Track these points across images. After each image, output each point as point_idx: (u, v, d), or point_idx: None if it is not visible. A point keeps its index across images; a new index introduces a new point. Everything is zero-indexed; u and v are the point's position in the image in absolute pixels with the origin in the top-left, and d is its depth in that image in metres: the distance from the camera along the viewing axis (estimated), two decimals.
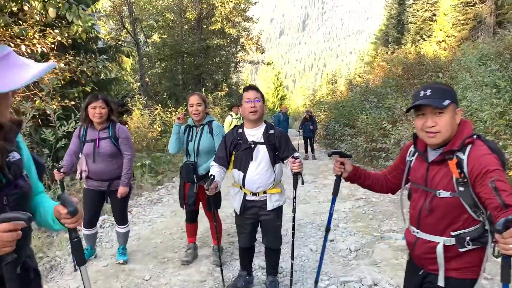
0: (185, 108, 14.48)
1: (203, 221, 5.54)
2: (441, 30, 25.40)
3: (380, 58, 26.93)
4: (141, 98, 12.90)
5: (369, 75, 24.58)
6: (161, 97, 18.26)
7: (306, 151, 12.89)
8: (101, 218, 5.37)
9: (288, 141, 3.08)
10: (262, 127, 3.07)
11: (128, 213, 5.82)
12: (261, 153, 2.99)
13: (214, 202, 3.53)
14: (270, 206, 3.06)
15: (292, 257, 3.15)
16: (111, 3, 17.34)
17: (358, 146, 10.62)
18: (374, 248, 4.39)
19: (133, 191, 7.32)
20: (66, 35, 8.02)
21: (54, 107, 7.53)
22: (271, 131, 3.03)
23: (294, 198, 2.93)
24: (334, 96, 28.84)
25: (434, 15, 28.47)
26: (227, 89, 19.44)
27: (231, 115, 10.34)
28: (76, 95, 8.85)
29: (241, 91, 24.93)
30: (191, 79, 22.29)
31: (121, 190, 3.75)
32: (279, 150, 3.02)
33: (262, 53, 23.75)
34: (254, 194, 3.05)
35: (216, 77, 23.17)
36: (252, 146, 3.00)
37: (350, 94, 20.36)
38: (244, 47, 22.93)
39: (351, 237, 4.83)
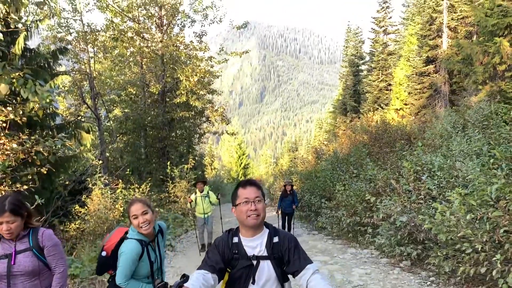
0: (148, 187, 13.49)
1: None
2: (397, 98, 26.47)
3: (343, 126, 27.47)
4: (102, 176, 11.88)
5: (334, 144, 24.74)
6: (122, 172, 17.23)
7: (284, 228, 12.03)
8: None
9: (298, 249, 2.25)
10: (265, 234, 2.25)
11: None
12: (266, 272, 2.18)
13: None
14: None
15: None
16: (71, 79, 16.75)
17: (340, 221, 10.00)
18: None
19: None
20: (21, 112, 7.25)
21: (3, 193, 6.60)
22: (276, 239, 2.23)
23: None
24: (296, 164, 28.68)
25: (390, 84, 29.85)
26: (194, 161, 18.74)
27: (195, 192, 9.62)
28: (30, 177, 7.88)
29: (205, 161, 24.30)
30: (155, 152, 21.46)
31: None
32: (287, 263, 2.20)
33: (227, 124, 23.52)
34: None
35: (181, 149, 22.48)
36: (254, 263, 2.18)
37: (319, 162, 20.18)
38: (210, 119, 22.65)
39: None
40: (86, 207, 11.13)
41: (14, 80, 5.37)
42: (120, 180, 13.13)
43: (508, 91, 13.20)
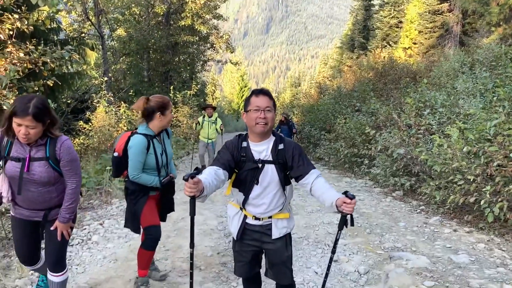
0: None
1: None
2: (407, 37, 25.78)
3: (350, 62, 27.04)
4: (107, 94, 11.94)
5: (339, 79, 24.54)
6: (125, 94, 17.28)
7: None
8: None
9: (302, 156, 2.42)
10: (271, 140, 2.42)
11: (100, 226, 5.11)
12: (269, 175, 2.39)
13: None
14: (276, 233, 2.47)
15: None
16: None
17: (338, 152, 10.27)
18: (385, 271, 3.94)
19: (101, 199, 6.57)
20: (26, 22, 7.16)
21: (12, 102, 6.71)
22: (281, 146, 2.41)
23: (337, 240, 2.30)
24: (299, 98, 28.65)
25: (401, 22, 28.90)
26: (196, 88, 18.73)
27: (204, 116, 9.73)
28: (36, 89, 7.95)
29: (207, 90, 24.17)
30: (158, 76, 21.36)
31: (59, 228, 2.60)
32: (291, 168, 2.39)
33: (231, 52, 23.16)
34: (257, 218, 2.47)
35: (184, 75, 22.35)
36: (260, 166, 2.38)
37: (322, 97, 20.18)
38: (214, 46, 22.24)
39: (355, 256, 4.37)
40: (90, 123, 11.32)
41: None
42: (123, 102, 13.22)
43: None
